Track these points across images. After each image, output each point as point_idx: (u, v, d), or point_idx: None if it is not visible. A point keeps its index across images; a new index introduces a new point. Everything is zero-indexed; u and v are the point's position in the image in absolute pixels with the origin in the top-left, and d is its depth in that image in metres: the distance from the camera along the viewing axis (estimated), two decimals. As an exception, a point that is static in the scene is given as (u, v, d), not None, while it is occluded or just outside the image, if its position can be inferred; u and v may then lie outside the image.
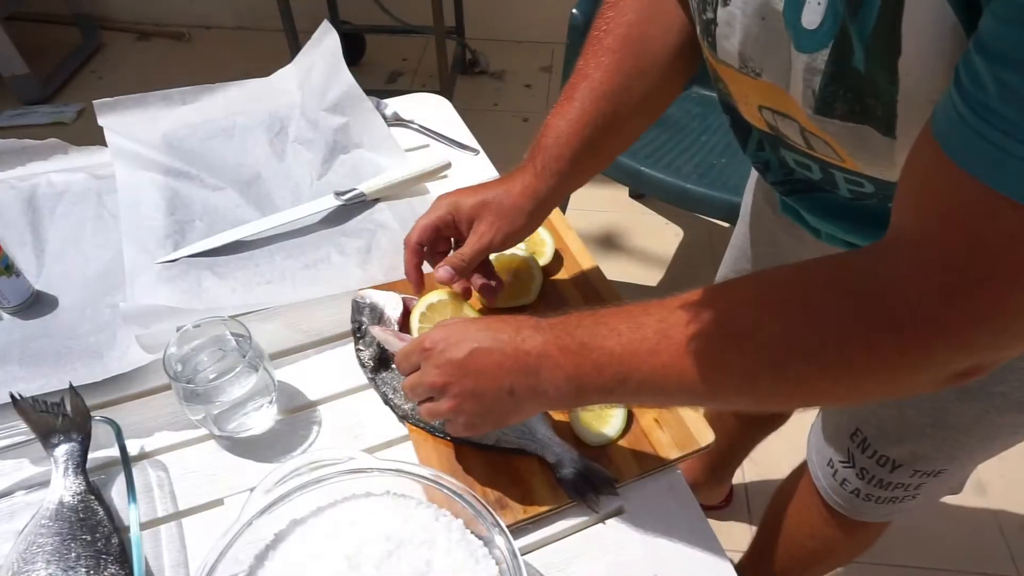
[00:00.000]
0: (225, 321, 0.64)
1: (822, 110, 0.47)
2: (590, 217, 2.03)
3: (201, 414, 0.62)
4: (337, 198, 0.84)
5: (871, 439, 0.77)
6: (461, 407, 0.53)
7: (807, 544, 0.98)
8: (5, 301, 0.74)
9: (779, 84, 0.50)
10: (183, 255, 0.78)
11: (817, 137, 0.52)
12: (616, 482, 0.61)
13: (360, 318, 0.70)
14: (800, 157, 0.58)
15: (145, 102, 0.94)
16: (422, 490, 0.55)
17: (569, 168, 0.66)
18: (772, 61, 0.49)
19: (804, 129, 0.53)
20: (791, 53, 0.46)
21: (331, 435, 0.66)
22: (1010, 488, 1.49)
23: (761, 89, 0.53)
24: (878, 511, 0.84)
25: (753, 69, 0.51)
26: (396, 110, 1.03)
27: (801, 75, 0.46)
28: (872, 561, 1.38)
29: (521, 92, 2.60)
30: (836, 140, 0.50)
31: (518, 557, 0.49)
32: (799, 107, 0.49)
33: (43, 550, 0.53)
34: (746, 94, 0.56)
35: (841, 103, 0.46)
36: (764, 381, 0.46)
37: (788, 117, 0.53)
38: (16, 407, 0.60)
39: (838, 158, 0.53)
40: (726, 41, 0.52)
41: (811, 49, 0.44)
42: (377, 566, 0.50)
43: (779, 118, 0.55)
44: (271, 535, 0.53)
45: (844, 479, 0.83)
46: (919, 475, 0.76)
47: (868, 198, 0.57)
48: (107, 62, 2.80)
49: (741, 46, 0.50)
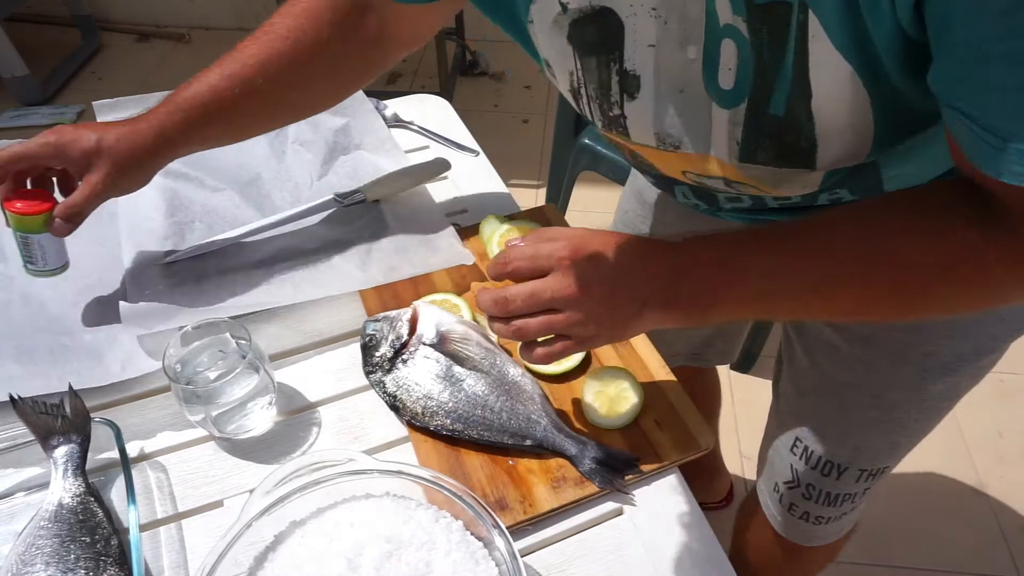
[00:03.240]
0: (225, 322, 0.64)
1: (745, 157, 0.52)
2: (590, 218, 2.03)
3: (201, 415, 0.62)
4: (337, 199, 0.84)
5: (811, 445, 0.77)
6: (592, 321, 0.52)
7: (762, 567, 0.98)
8: (43, 262, 0.64)
9: (699, 151, 0.54)
10: (183, 256, 0.78)
11: (743, 183, 0.56)
12: (638, 460, 0.61)
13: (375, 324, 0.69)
14: (729, 192, 0.62)
15: (145, 103, 0.94)
16: (422, 491, 0.55)
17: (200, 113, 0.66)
18: (691, 129, 0.53)
19: (729, 180, 0.56)
20: (711, 113, 0.50)
21: (331, 436, 0.66)
22: (1010, 488, 1.49)
23: (682, 159, 0.56)
24: (827, 531, 0.85)
25: (671, 143, 0.55)
26: (396, 111, 1.03)
27: (725, 128, 0.51)
28: (872, 562, 1.38)
29: (521, 93, 2.61)
30: (760, 182, 0.55)
31: (518, 558, 0.49)
32: (722, 163, 0.53)
33: (42, 552, 0.53)
34: (668, 164, 0.60)
35: (762, 150, 0.51)
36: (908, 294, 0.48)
37: (712, 177, 0.57)
38: (16, 408, 0.60)
39: (761, 193, 0.58)
40: (639, 128, 0.55)
41: (730, 106, 0.49)
42: (377, 568, 0.50)
43: (703, 179, 0.58)
44: (271, 537, 0.53)
45: (791, 503, 0.83)
46: (864, 477, 0.77)
47: (795, 205, 0.62)
48: (107, 63, 2.80)
49: (656, 127, 0.54)
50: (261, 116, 0.73)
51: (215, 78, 0.67)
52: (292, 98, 0.72)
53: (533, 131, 2.41)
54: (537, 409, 0.63)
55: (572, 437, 0.62)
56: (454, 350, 0.65)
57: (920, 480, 1.49)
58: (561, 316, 0.52)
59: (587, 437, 0.62)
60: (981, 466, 1.52)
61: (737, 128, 0.50)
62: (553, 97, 2.39)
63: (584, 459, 0.61)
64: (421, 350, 0.66)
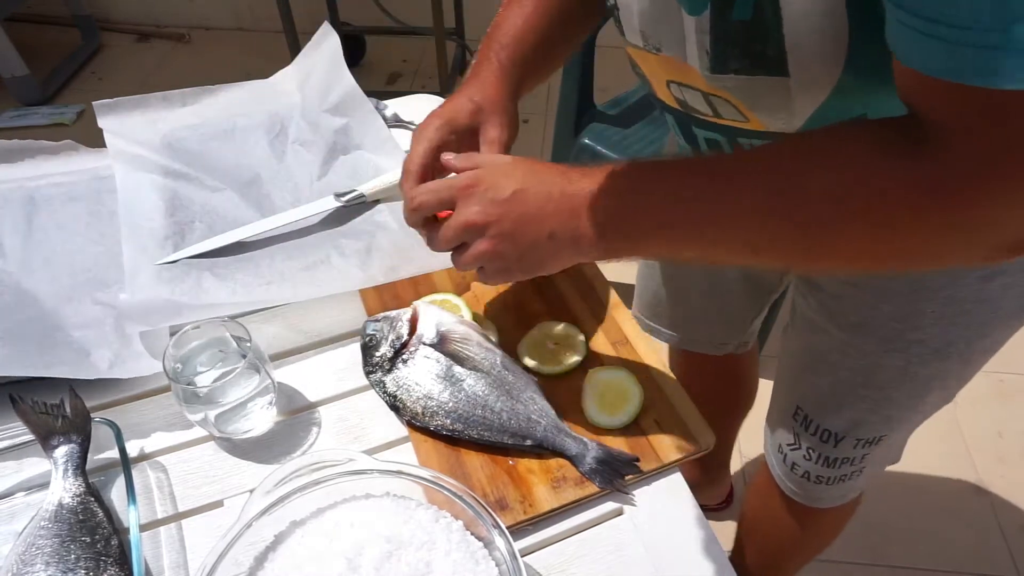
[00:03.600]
0: (225, 322, 0.64)
1: (716, 68, 0.51)
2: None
3: (201, 415, 0.62)
4: (337, 199, 0.84)
5: (811, 414, 0.79)
6: (497, 249, 0.52)
7: (776, 535, 1.00)
8: None
9: (677, 56, 0.54)
10: (183, 256, 0.78)
11: (720, 99, 0.55)
12: (638, 460, 0.61)
13: (375, 324, 0.69)
14: (709, 133, 0.61)
15: (145, 103, 0.94)
16: (422, 491, 0.55)
17: (531, 59, 0.66)
18: (667, 34, 0.53)
19: (707, 95, 0.56)
20: (683, 20, 0.51)
21: (331, 436, 0.66)
22: (1010, 488, 1.49)
23: (664, 63, 0.57)
24: (832, 493, 0.86)
25: (654, 45, 0.55)
26: (396, 111, 1.03)
27: (694, 37, 0.51)
28: (872, 562, 1.38)
29: (521, 93, 2.60)
30: (736, 96, 0.54)
31: (518, 558, 0.49)
32: (698, 73, 0.53)
33: (42, 552, 0.53)
34: (655, 71, 0.60)
35: (732, 58, 0.50)
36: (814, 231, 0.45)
37: (691, 87, 0.57)
38: (16, 408, 0.60)
39: (743, 118, 0.57)
40: (628, 24, 0.56)
41: (696, 12, 0.49)
42: (377, 568, 0.50)
43: (685, 90, 0.58)
44: (271, 536, 0.53)
45: (793, 463, 0.85)
46: (861, 444, 0.78)
47: None
48: (107, 63, 2.80)
49: (640, 25, 0.54)
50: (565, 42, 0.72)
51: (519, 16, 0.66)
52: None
53: (533, 131, 2.41)
54: (537, 409, 0.63)
55: (572, 437, 0.62)
56: (454, 350, 0.65)
57: (920, 480, 1.49)
58: (470, 248, 0.53)
59: (587, 437, 0.62)
60: (981, 466, 1.52)
61: (705, 36, 0.50)
62: (553, 97, 2.39)
63: (584, 459, 0.61)
64: (421, 350, 0.66)
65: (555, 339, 0.71)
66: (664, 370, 0.69)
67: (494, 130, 0.63)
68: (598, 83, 1.50)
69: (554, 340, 0.71)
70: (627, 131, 1.56)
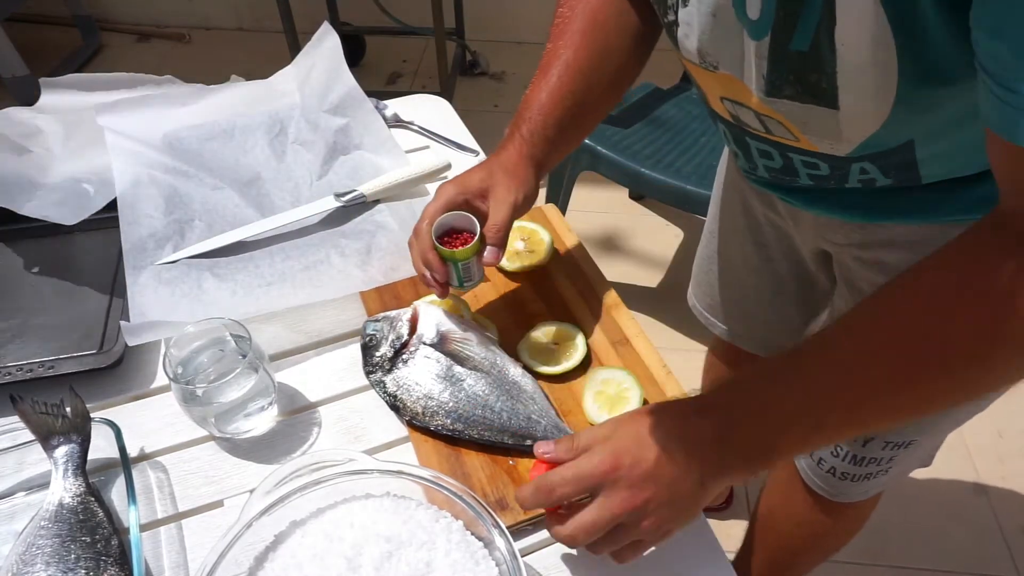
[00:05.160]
0: (225, 323, 0.64)
1: (771, 92, 0.53)
2: (590, 219, 2.03)
3: (201, 415, 0.62)
4: (337, 199, 0.84)
5: None
6: (661, 519, 0.49)
7: (795, 532, 1.00)
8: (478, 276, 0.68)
9: (735, 75, 0.55)
10: (183, 256, 0.78)
11: (772, 119, 0.57)
12: None
13: (375, 325, 0.69)
14: (761, 145, 0.63)
15: (145, 103, 0.94)
16: (422, 491, 0.55)
17: (556, 136, 0.67)
18: (726, 53, 0.54)
19: (759, 114, 0.57)
20: (744, 42, 0.52)
21: (331, 436, 0.66)
22: (1010, 488, 1.49)
23: (720, 81, 0.57)
24: (856, 489, 0.86)
25: (711, 63, 0.56)
26: (396, 111, 1.03)
27: (754, 60, 0.52)
28: (872, 562, 1.38)
29: (521, 93, 2.55)
30: (788, 119, 0.56)
31: (518, 558, 0.49)
32: (752, 93, 0.55)
33: (42, 551, 0.53)
34: (710, 86, 0.61)
35: (786, 85, 0.52)
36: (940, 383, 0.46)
37: (744, 105, 0.58)
38: (16, 408, 0.60)
39: (793, 138, 0.58)
40: (687, 40, 0.56)
41: (758, 37, 0.50)
42: (377, 568, 0.50)
43: (738, 107, 0.60)
44: (271, 536, 0.53)
45: (820, 458, 0.85)
46: (890, 447, 0.78)
47: (826, 181, 0.62)
48: (107, 63, 2.80)
49: (699, 43, 0.55)
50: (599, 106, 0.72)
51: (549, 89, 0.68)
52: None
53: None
54: (538, 409, 0.63)
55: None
56: (454, 350, 0.65)
57: (920, 480, 1.49)
58: (632, 531, 0.50)
59: None
60: (981, 466, 1.52)
61: (763, 62, 0.51)
62: (553, 97, 2.39)
63: None
64: (421, 350, 0.66)
65: (555, 339, 0.71)
66: (664, 370, 0.69)
67: (503, 191, 0.65)
68: (598, 83, 1.50)
69: (554, 340, 0.71)
70: (627, 131, 1.57)
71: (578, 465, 0.50)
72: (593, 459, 0.50)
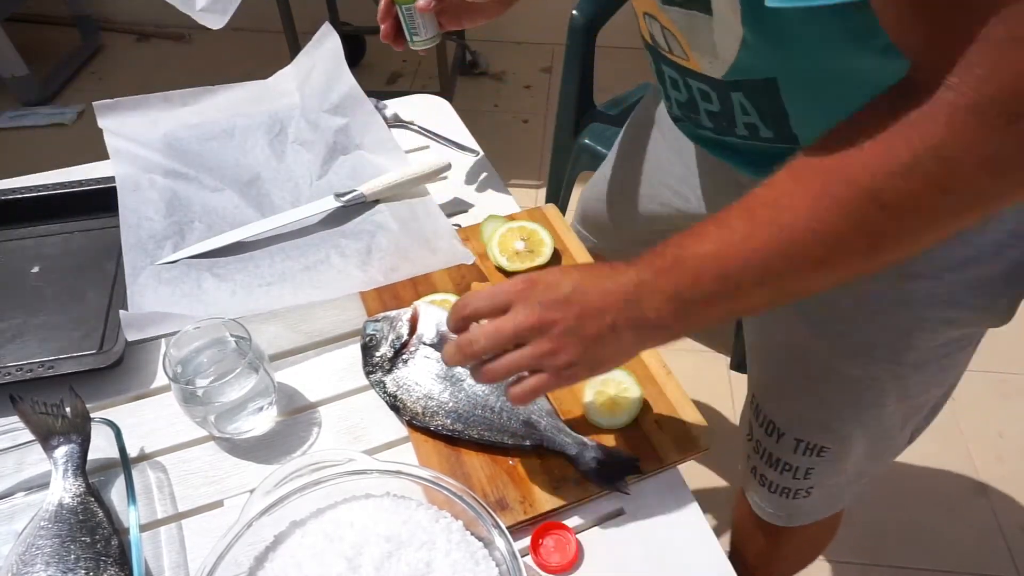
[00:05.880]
0: (225, 322, 0.64)
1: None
2: (590, 218, 2.03)
3: (201, 415, 0.62)
4: (337, 199, 0.84)
5: (759, 398, 0.80)
6: (562, 347, 0.50)
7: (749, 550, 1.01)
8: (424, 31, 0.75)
9: None
10: (183, 256, 0.78)
11: (671, 34, 0.60)
12: (639, 461, 0.61)
13: (375, 325, 0.69)
14: (670, 70, 0.65)
15: (145, 103, 0.94)
16: (422, 491, 0.55)
17: None
18: None
19: (664, 29, 0.60)
20: None
21: (331, 436, 0.66)
22: (1010, 488, 1.49)
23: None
24: (784, 507, 0.85)
25: None
26: (396, 111, 1.03)
27: None
28: (872, 562, 1.38)
29: (521, 93, 2.60)
30: (680, 30, 0.58)
31: (518, 558, 0.49)
32: (655, 2, 0.58)
33: (42, 552, 0.53)
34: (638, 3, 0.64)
35: None
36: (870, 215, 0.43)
37: (655, 19, 0.61)
38: (16, 408, 0.60)
39: (684, 56, 0.61)
40: None
41: None
42: (377, 568, 0.50)
43: (651, 23, 0.62)
44: (271, 537, 0.53)
45: (747, 455, 0.86)
46: (801, 448, 0.77)
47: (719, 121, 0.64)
48: (107, 63, 2.80)
49: None
50: None
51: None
52: None
53: (533, 131, 2.41)
54: (537, 409, 0.63)
55: (572, 437, 0.62)
56: (454, 350, 0.65)
57: (920, 480, 1.49)
58: (527, 349, 0.50)
59: (587, 437, 0.62)
60: (981, 466, 1.52)
61: None
62: (553, 97, 2.39)
63: (584, 459, 0.61)
64: (421, 350, 0.66)
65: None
66: (664, 370, 0.69)
67: None
68: (598, 83, 1.51)
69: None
70: (627, 131, 1.56)
71: (495, 286, 0.53)
72: (512, 282, 0.52)
